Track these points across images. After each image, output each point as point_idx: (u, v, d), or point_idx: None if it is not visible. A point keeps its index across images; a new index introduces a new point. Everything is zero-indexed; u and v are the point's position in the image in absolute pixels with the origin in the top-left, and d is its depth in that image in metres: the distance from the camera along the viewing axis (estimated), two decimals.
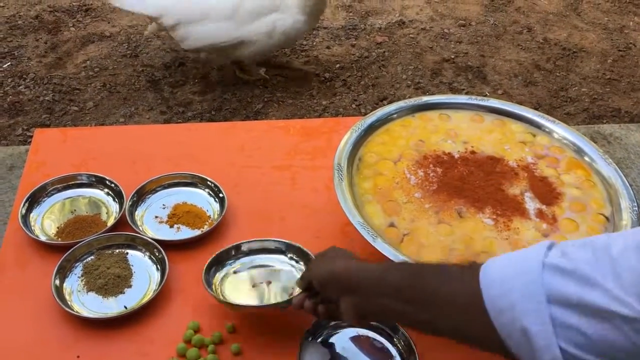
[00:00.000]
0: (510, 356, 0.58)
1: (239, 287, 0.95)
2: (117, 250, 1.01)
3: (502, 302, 0.56)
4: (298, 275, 0.94)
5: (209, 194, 1.12)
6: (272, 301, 0.92)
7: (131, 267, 0.99)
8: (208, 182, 1.12)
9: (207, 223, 1.06)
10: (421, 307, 0.65)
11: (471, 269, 0.60)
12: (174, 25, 2.27)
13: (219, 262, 0.97)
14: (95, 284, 0.96)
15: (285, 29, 2.29)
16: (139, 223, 1.05)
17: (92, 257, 1.00)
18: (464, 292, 0.59)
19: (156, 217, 1.07)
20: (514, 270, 0.57)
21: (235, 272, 0.98)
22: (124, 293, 0.95)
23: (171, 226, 1.06)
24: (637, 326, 0.50)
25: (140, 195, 1.09)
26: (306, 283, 0.81)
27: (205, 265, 0.95)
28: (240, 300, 0.92)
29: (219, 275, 0.96)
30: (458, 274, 0.63)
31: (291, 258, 0.99)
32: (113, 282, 0.96)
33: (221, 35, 2.28)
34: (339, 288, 0.73)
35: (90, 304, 0.94)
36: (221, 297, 0.91)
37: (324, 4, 2.39)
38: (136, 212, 1.07)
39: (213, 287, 0.94)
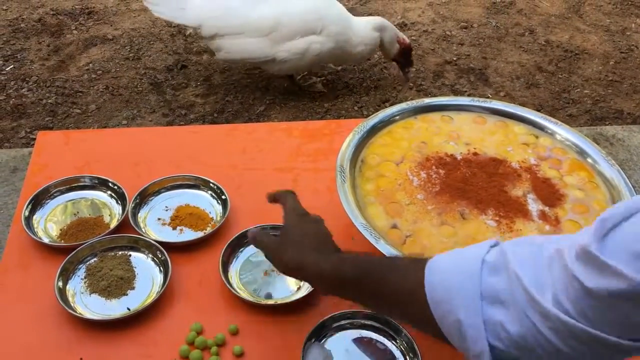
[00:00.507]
0: (448, 343, 0.63)
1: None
2: (120, 252, 1.01)
3: (441, 294, 0.59)
4: None
5: (212, 195, 1.12)
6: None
7: (134, 269, 0.99)
8: (210, 184, 1.12)
9: (209, 225, 1.06)
10: (369, 297, 0.70)
11: (418, 263, 0.64)
12: (211, 36, 2.31)
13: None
14: (98, 286, 0.96)
15: (319, 52, 2.31)
16: (141, 225, 1.05)
17: (95, 259, 1.00)
18: (409, 283, 0.63)
19: (159, 219, 1.08)
20: (457, 266, 0.60)
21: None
22: (126, 295, 0.96)
23: (174, 228, 1.06)
24: (550, 325, 0.53)
25: (143, 197, 1.10)
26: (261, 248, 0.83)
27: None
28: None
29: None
30: (405, 267, 0.67)
31: None
32: (116, 284, 0.96)
33: (255, 51, 2.32)
34: (294, 276, 0.81)
35: (93, 306, 0.94)
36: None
37: (373, 48, 2.41)
38: (139, 214, 1.07)
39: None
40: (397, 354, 0.88)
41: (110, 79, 2.66)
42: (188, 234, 1.05)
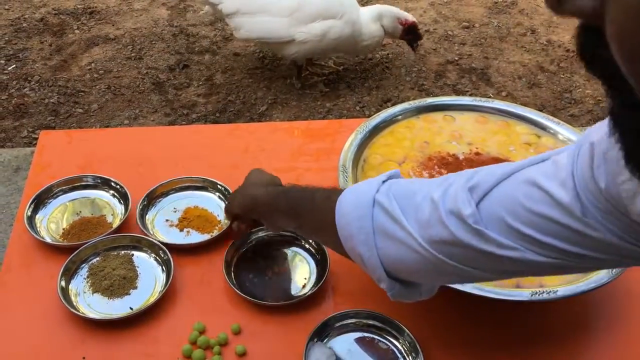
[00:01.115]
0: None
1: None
2: (123, 252, 1.01)
3: (346, 231, 0.70)
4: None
5: (220, 197, 1.12)
6: None
7: (137, 268, 0.99)
8: (218, 186, 1.12)
9: (216, 227, 1.06)
10: (300, 225, 0.83)
11: (330, 201, 0.73)
12: (232, 14, 2.32)
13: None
14: (101, 285, 0.96)
15: (338, 36, 2.33)
16: (149, 227, 1.05)
17: (98, 258, 1.00)
18: (326, 220, 0.73)
19: (167, 220, 1.08)
20: (354, 203, 0.70)
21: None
22: (129, 294, 0.96)
23: (181, 230, 1.06)
24: (428, 256, 0.64)
25: (151, 199, 1.10)
26: (231, 214, 0.96)
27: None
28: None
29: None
30: (321, 204, 0.76)
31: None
32: (119, 283, 0.96)
33: (275, 31, 2.32)
34: (250, 212, 0.90)
35: (96, 305, 0.94)
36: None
37: (380, 38, 2.46)
38: (147, 216, 1.07)
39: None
40: (400, 353, 0.88)
41: (112, 78, 2.66)
42: (195, 237, 1.05)
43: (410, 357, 0.87)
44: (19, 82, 2.62)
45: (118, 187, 1.11)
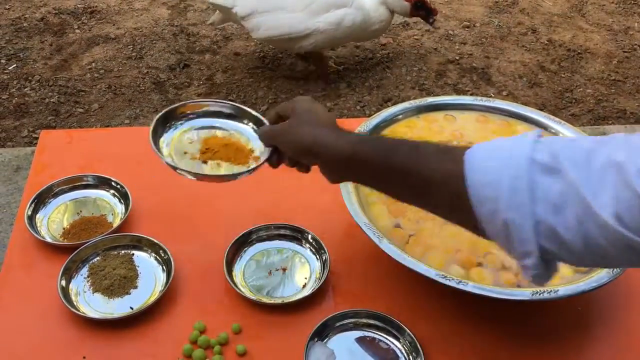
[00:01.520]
0: (482, 236, 0.62)
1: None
2: (123, 251, 1.01)
3: (486, 191, 0.58)
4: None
5: (253, 129, 0.93)
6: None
7: (137, 268, 0.99)
8: (249, 114, 0.94)
9: (252, 158, 0.90)
10: (388, 182, 0.69)
11: (452, 153, 0.62)
12: (247, 15, 2.35)
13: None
14: (101, 285, 0.96)
15: (352, 23, 2.39)
16: (170, 152, 0.90)
17: (98, 258, 1.00)
18: (440, 173, 0.61)
19: (185, 152, 0.91)
20: (500, 162, 0.58)
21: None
22: (129, 294, 0.96)
23: (205, 162, 0.90)
24: (607, 236, 0.52)
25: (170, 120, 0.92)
26: (269, 143, 0.83)
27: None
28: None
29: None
30: (434, 156, 0.64)
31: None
32: (119, 283, 0.96)
33: (293, 26, 2.37)
34: (305, 156, 0.78)
35: (96, 305, 0.94)
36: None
37: (388, 20, 2.49)
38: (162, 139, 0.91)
39: None
40: (401, 353, 0.88)
41: (112, 78, 2.66)
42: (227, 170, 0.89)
43: (410, 356, 0.87)
44: (20, 81, 2.62)
45: (118, 186, 1.11)
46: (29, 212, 1.06)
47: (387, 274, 0.99)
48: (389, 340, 0.89)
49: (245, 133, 0.94)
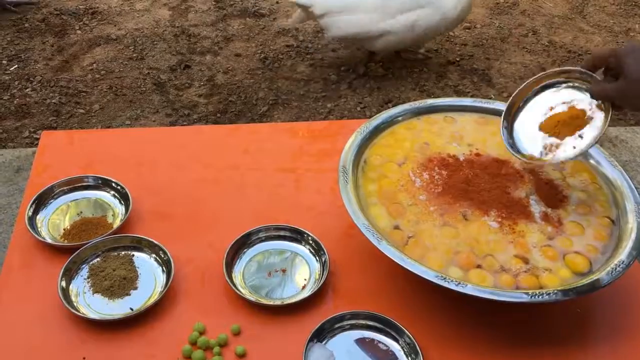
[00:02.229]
0: None
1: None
2: (123, 252, 1.01)
3: None
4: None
5: None
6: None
7: (137, 269, 0.99)
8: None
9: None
10: None
11: None
12: (323, 15, 2.42)
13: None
14: (101, 286, 0.96)
15: (427, 24, 2.43)
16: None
17: (98, 259, 1.00)
18: None
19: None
20: None
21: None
22: (129, 295, 0.96)
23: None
24: None
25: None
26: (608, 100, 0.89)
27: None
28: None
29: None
30: None
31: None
32: (119, 283, 0.97)
33: (366, 26, 2.42)
34: None
35: (96, 306, 0.94)
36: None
37: (469, 10, 2.53)
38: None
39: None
40: (399, 354, 0.88)
41: (113, 79, 2.66)
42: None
43: (409, 357, 0.87)
44: (21, 82, 2.63)
45: (119, 187, 1.11)
46: (30, 213, 1.06)
47: (387, 276, 0.99)
48: (388, 342, 0.90)
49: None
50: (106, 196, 1.12)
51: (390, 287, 0.98)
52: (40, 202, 1.09)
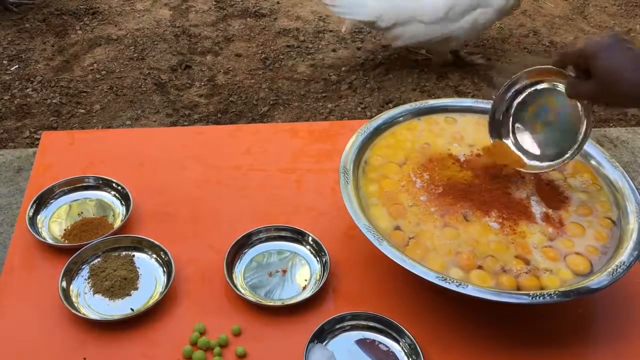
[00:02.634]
0: None
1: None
2: (124, 253, 1.01)
3: None
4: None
5: None
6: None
7: (137, 269, 0.99)
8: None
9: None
10: None
11: None
12: (389, 27, 2.55)
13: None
14: (102, 286, 0.96)
15: (485, 22, 2.55)
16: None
17: (99, 259, 1.00)
18: None
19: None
20: None
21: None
22: (130, 295, 0.96)
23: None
24: None
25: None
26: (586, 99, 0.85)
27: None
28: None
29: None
30: None
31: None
32: (120, 284, 0.96)
33: (431, 34, 2.55)
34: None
35: (97, 306, 0.94)
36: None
37: (519, 3, 2.65)
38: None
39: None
40: (400, 355, 0.88)
41: (114, 79, 2.66)
42: None
43: (410, 358, 0.87)
44: (22, 82, 2.63)
45: (119, 188, 1.11)
46: (30, 213, 1.06)
47: (387, 276, 0.99)
48: (389, 343, 0.89)
49: None
50: (107, 196, 1.12)
51: (391, 288, 0.98)
52: (41, 202, 1.09)
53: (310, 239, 1.03)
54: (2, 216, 1.49)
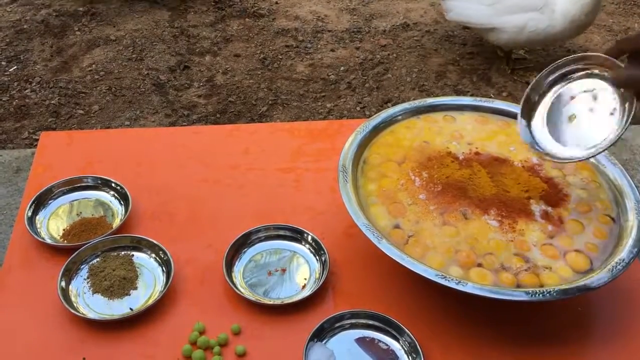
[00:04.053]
0: None
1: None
2: (123, 252, 1.01)
3: None
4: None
5: None
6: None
7: (137, 269, 0.99)
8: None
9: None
10: None
11: None
12: None
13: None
14: (101, 286, 0.96)
15: (535, 29, 2.45)
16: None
17: (98, 259, 1.00)
18: None
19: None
20: None
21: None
22: (129, 295, 0.96)
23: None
24: None
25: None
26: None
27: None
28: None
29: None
30: None
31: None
32: (119, 284, 0.96)
33: (478, 17, 2.55)
34: None
35: (96, 306, 0.94)
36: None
37: (583, 24, 2.46)
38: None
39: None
40: (400, 353, 0.88)
41: (113, 79, 2.66)
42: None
43: (410, 357, 0.87)
44: (20, 83, 2.63)
45: (118, 188, 1.11)
46: (29, 214, 1.06)
47: (387, 275, 0.99)
48: (389, 341, 0.89)
49: None
50: (106, 196, 1.12)
51: (391, 287, 0.98)
52: (40, 202, 1.09)
53: (309, 237, 1.02)
54: (1, 216, 1.49)
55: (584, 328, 0.94)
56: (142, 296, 0.96)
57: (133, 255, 1.01)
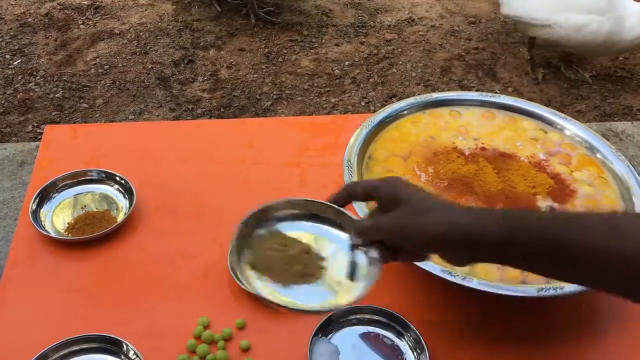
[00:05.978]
0: None
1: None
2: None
3: None
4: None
5: None
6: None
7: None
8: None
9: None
10: (553, 263, 0.58)
11: (619, 227, 0.55)
12: None
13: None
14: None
15: (593, 32, 2.31)
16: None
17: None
18: (628, 249, 0.54)
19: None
20: None
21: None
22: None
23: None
24: None
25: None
26: (377, 238, 0.68)
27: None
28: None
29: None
30: (616, 229, 0.55)
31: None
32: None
33: (534, 12, 2.42)
34: (438, 249, 0.64)
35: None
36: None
37: None
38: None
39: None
40: (405, 349, 0.88)
41: (117, 73, 2.66)
42: None
43: (415, 352, 0.87)
44: (24, 77, 2.63)
45: (123, 181, 1.11)
46: (34, 207, 1.06)
47: (392, 270, 0.98)
48: (393, 337, 0.89)
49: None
50: (110, 190, 1.12)
51: (396, 282, 0.97)
52: (44, 196, 1.09)
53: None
54: (6, 210, 1.49)
55: (591, 325, 0.94)
56: None
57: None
